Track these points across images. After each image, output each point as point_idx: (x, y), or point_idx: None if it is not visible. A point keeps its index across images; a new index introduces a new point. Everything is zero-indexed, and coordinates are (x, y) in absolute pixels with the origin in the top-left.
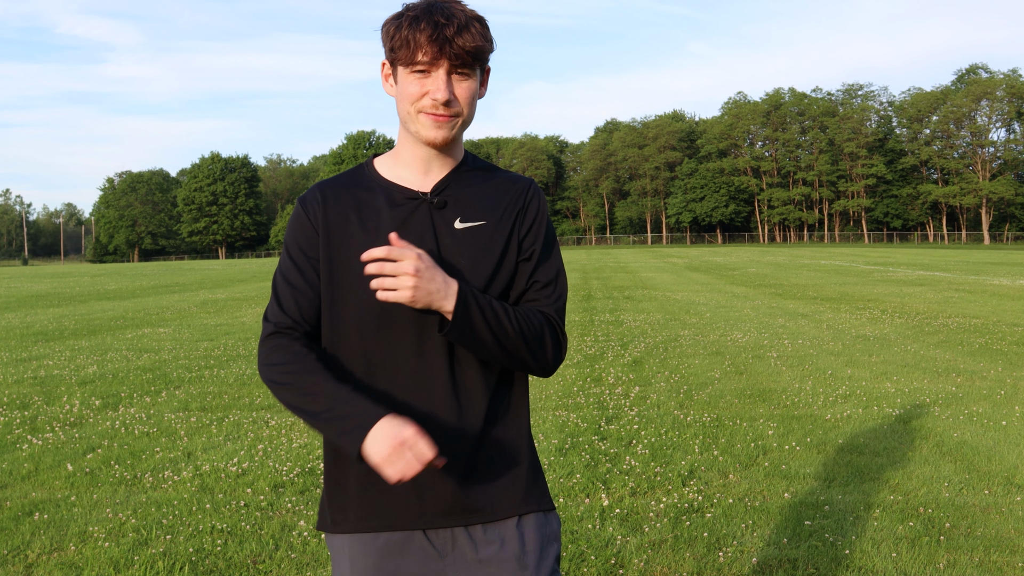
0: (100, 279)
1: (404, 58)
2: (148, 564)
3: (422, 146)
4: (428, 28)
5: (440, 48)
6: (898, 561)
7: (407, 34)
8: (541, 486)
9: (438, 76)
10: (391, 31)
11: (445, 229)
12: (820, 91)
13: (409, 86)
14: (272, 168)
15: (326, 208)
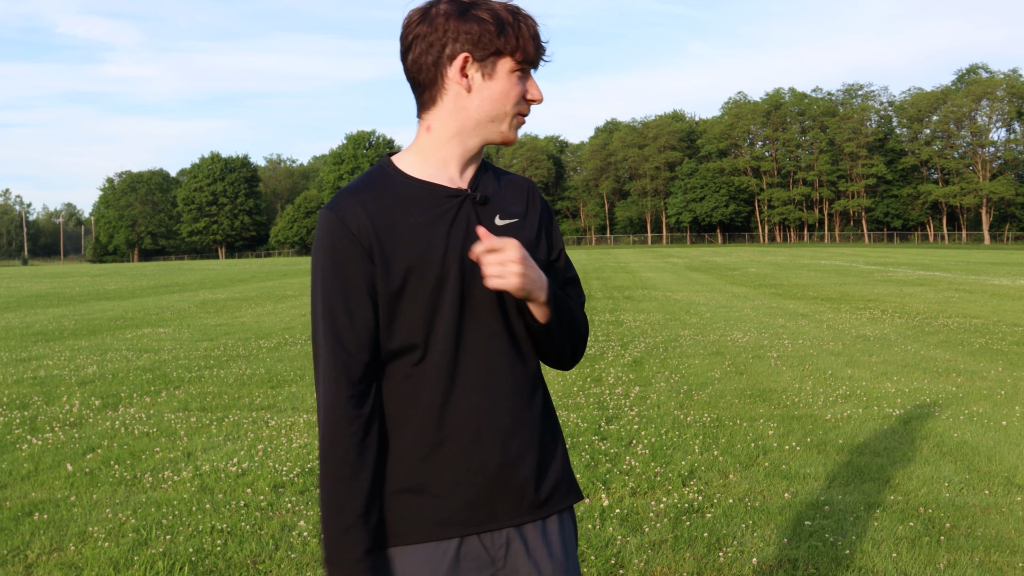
0: (100, 279)
1: (512, 52)
2: (148, 564)
3: (476, 143)
4: (533, 26)
5: (537, 49)
6: (898, 561)
7: (518, 28)
8: (572, 474)
9: (533, 79)
10: (493, 24)
11: (489, 225)
12: (820, 91)
13: (513, 86)
14: (272, 168)
15: (373, 221)
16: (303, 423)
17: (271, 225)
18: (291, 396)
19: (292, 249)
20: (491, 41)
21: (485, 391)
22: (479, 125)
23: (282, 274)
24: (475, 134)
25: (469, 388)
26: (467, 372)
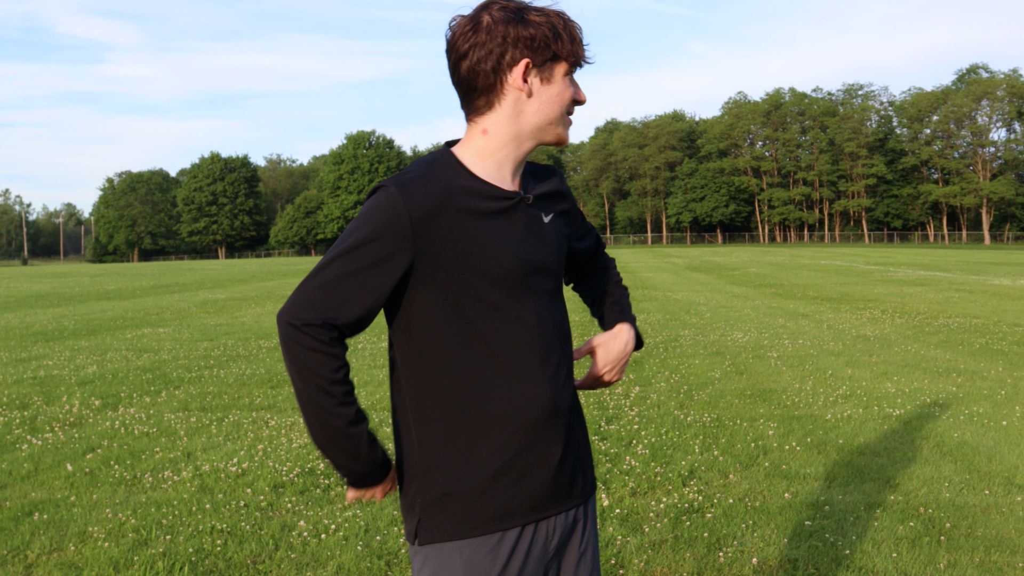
0: (100, 279)
1: (571, 59)
2: (148, 564)
3: (525, 149)
4: (579, 31)
5: (584, 50)
6: (898, 561)
7: (572, 31)
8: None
9: (576, 79)
10: (549, 30)
11: (540, 224)
12: (820, 91)
13: (565, 88)
14: (272, 168)
15: (441, 205)
16: (303, 423)
17: (271, 225)
18: (291, 396)
19: (292, 249)
20: (548, 46)
21: (542, 383)
22: (537, 128)
23: (282, 274)
24: (532, 137)
25: (525, 381)
26: (522, 365)
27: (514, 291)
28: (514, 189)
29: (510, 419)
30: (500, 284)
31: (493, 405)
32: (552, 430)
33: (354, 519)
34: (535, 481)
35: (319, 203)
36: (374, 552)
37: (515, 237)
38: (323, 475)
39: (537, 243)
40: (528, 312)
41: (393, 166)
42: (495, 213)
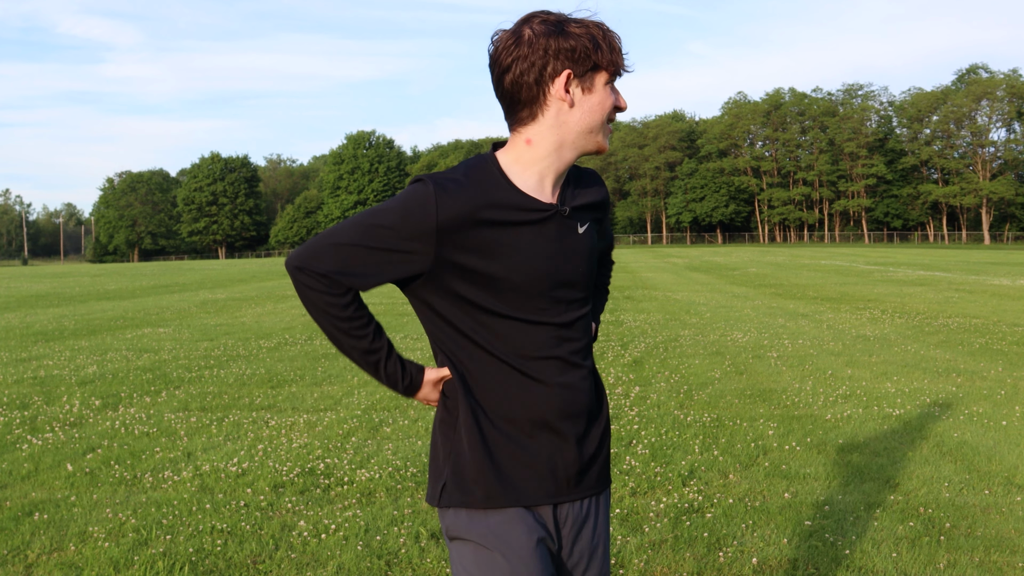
0: (100, 279)
1: (611, 68)
2: (148, 564)
3: (572, 156)
4: (618, 41)
5: (622, 62)
6: (898, 561)
7: (611, 41)
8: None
9: (617, 87)
10: (589, 41)
11: (574, 236)
12: (820, 91)
13: (606, 97)
14: (272, 168)
15: (473, 214)
16: (303, 423)
17: (271, 225)
18: (291, 396)
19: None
20: (588, 56)
21: (560, 389)
22: (579, 137)
23: (282, 274)
24: (574, 146)
25: (543, 387)
26: (540, 372)
27: (538, 301)
28: (551, 201)
29: (526, 419)
30: (523, 294)
31: (511, 406)
32: (567, 430)
33: (354, 519)
34: (548, 471)
35: (319, 203)
36: (374, 552)
37: (544, 249)
38: (323, 475)
39: (569, 255)
40: (551, 321)
41: (393, 166)
42: (525, 224)
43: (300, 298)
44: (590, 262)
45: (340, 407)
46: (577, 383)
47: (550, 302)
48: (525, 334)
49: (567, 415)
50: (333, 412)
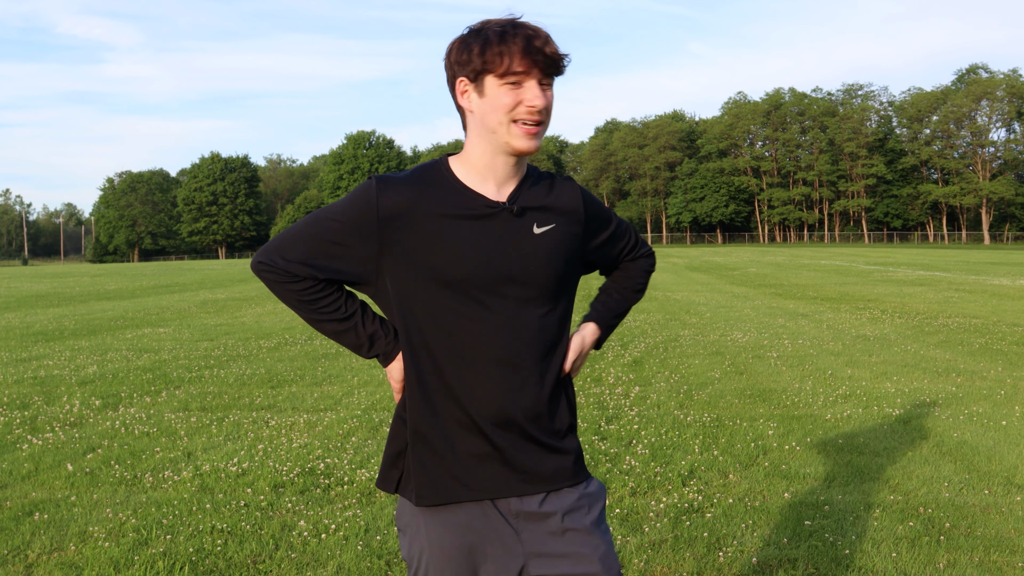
0: (100, 279)
1: (496, 68)
2: (148, 564)
3: (503, 157)
4: (520, 40)
5: (533, 59)
6: (898, 561)
7: (499, 47)
8: (581, 458)
9: (531, 86)
10: (478, 46)
11: (526, 234)
12: (820, 91)
13: (502, 97)
14: (272, 168)
15: (411, 204)
16: (303, 423)
17: (271, 225)
18: (291, 396)
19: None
20: (476, 61)
21: (498, 391)
22: (488, 138)
23: None
24: (492, 148)
25: (479, 385)
26: (477, 368)
27: (475, 295)
28: (499, 199)
29: (459, 418)
30: (459, 287)
31: (447, 404)
32: (504, 434)
33: (354, 519)
34: (485, 466)
35: (319, 203)
36: (374, 552)
37: (486, 244)
38: (323, 475)
39: (514, 252)
40: (494, 318)
41: (393, 166)
42: (467, 218)
43: (271, 292)
44: (550, 263)
45: (340, 407)
46: (515, 386)
47: (494, 298)
48: (464, 331)
49: (498, 419)
50: (333, 412)
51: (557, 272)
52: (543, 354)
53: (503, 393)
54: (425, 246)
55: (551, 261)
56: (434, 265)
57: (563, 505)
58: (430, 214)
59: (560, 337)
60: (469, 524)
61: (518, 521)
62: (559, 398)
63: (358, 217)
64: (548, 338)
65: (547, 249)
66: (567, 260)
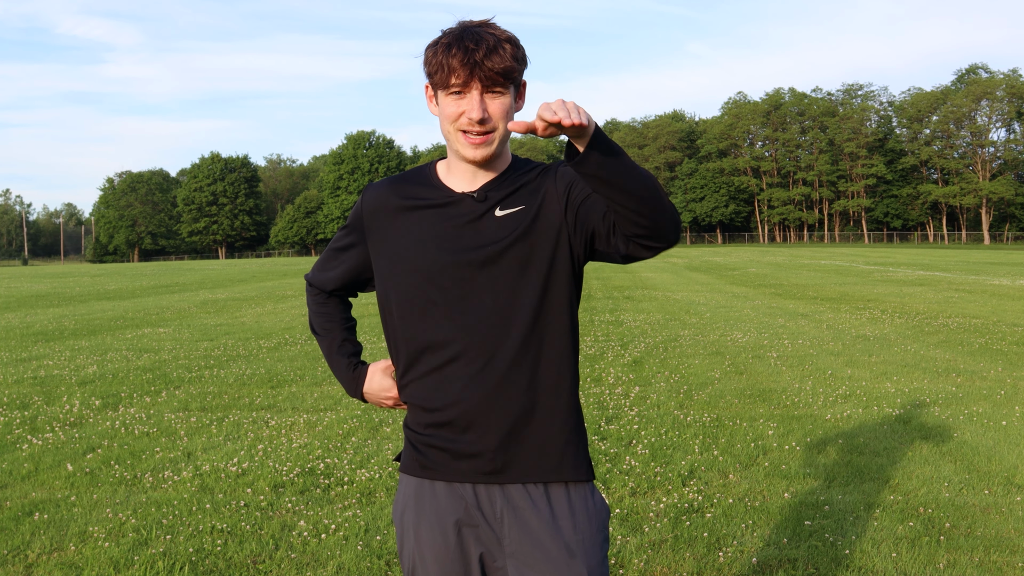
0: (100, 279)
1: (440, 82)
2: (148, 564)
3: (463, 165)
4: (459, 53)
5: (471, 71)
6: (898, 561)
7: (441, 59)
8: (578, 457)
9: (472, 97)
10: (428, 57)
11: (487, 217)
12: (820, 91)
13: (447, 107)
14: (272, 168)
15: (384, 201)
16: (303, 423)
17: (271, 225)
18: (291, 396)
19: (292, 249)
20: (428, 74)
21: (456, 367)
22: (448, 144)
23: (282, 274)
24: (453, 152)
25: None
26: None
27: (438, 280)
28: (461, 190)
29: (425, 403)
30: (422, 272)
31: (416, 385)
32: (454, 419)
33: (354, 519)
34: (452, 446)
35: (319, 203)
36: (374, 552)
37: (447, 229)
38: (323, 475)
39: (474, 235)
40: (459, 302)
41: (393, 166)
42: (429, 207)
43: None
44: (512, 243)
45: (340, 407)
46: (470, 368)
47: (457, 282)
48: (429, 316)
49: (443, 406)
50: (333, 412)
51: (522, 251)
52: (496, 346)
53: (456, 387)
54: (392, 236)
55: (515, 241)
56: (397, 252)
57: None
58: (399, 207)
59: (535, 321)
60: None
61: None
62: (530, 386)
63: (353, 219)
64: (519, 321)
65: (508, 229)
66: (538, 238)
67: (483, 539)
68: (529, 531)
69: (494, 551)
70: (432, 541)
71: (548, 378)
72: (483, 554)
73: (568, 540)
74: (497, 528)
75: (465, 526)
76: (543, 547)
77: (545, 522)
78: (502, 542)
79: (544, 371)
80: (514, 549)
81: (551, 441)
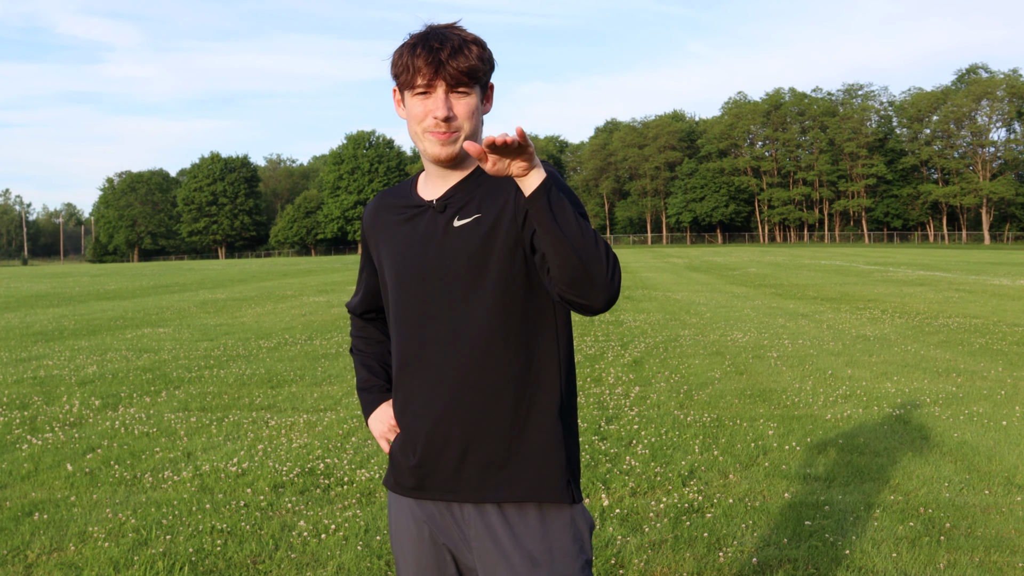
0: (100, 279)
1: (406, 82)
2: (148, 564)
3: (432, 167)
4: (424, 53)
5: (436, 70)
6: (898, 561)
7: (407, 60)
8: (561, 478)
9: (437, 96)
10: (395, 60)
11: (445, 228)
12: (820, 91)
13: (413, 108)
14: (272, 168)
15: (374, 216)
16: (303, 423)
17: (271, 225)
18: (291, 396)
19: (292, 249)
20: (395, 76)
21: (440, 382)
22: (418, 147)
23: (282, 274)
24: (424, 155)
25: (422, 376)
26: (420, 364)
27: (412, 291)
28: (431, 199)
29: (398, 410)
30: (398, 284)
31: (397, 392)
32: (431, 430)
33: (354, 519)
34: (411, 464)
35: (319, 203)
36: (374, 552)
37: (414, 240)
38: (323, 475)
39: (434, 246)
40: (429, 313)
41: (393, 166)
42: (402, 221)
43: None
44: (468, 255)
45: (340, 407)
46: (426, 384)
47: (426, 293)
48: (402, 322)
49: (413, 416)
50: (333, 412)
51: (476, 264)
52: (473, 349)
53: (414, 393)
54: (382, 251)
55: (470, 253)
56: (384, 266)
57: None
58: (385, 222)
59: (494, 333)
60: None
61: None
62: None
63: (362, 239)
64: (476, 332)
65: (463, 240)
66: (495, 250)
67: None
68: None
69: (461, 547)
70: (408, 532)
71: (506, 397)
72: (450, 548)
73: (532, 550)
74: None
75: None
76: (506, 555)
77: (509, 537)
78: (469, 544)
79: (500, 389)
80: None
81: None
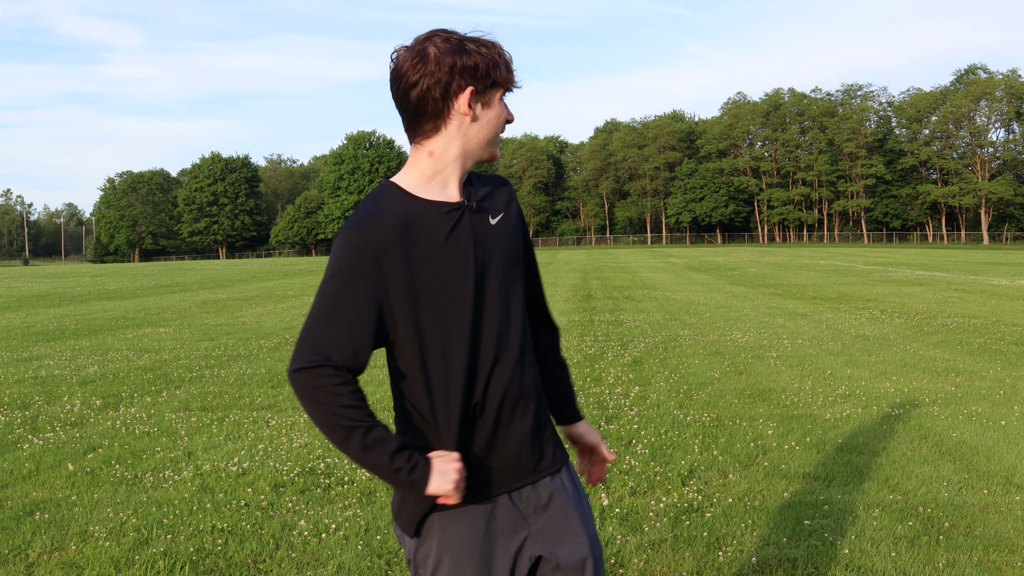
0: (101, 279)
1: (508, 80)
2: (149, 564)
3: (468, 167)
4: (508, 55)
5: (514, 74)
6: (897, 561)
7: (507, 59)
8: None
9: (505, 100)
10: (490, 57)
11: (485, 226)
12: (819, 91)
13: (502, 111)
14: (272, 168)
15: (388, 237)
16: (303, 423)
17: (271, 225)
18: (291, 396)
19: (292, 249)
20: (488, 74)
21: (505, 370)
22: (478, 147)
23: (282, 274)
24: (473, 156)
25: (491, 368)
26: (487, 353)
27: (468, 291)
28: (458, 200)
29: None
30: (456, 287)
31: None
32: (511, 416)
33: (354, 519)
34: (497, 461)
35: (319, 203)
36: (374, 551)
37: (466, 244)
38: (323, 475)
39: (486, 244)
40: (488, 309)
41: (393, 166)
42: (447, 228)
43: (303, 405)
44: (510, 249)
45: None
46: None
47: (481, 291)
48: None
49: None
50: None
51: (518, 255)
52: (523, 335)
53: (503, 379)
54: (412, 261)
55: (511, 246)
56: (425, 276)
57: (555, 486)
58: (414, 237)
59: (524, 318)
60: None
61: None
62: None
63: (359, 263)
64: (525, 319)
65: (503, 238)
66: (522, 244)
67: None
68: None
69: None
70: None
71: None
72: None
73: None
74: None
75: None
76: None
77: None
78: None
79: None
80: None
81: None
